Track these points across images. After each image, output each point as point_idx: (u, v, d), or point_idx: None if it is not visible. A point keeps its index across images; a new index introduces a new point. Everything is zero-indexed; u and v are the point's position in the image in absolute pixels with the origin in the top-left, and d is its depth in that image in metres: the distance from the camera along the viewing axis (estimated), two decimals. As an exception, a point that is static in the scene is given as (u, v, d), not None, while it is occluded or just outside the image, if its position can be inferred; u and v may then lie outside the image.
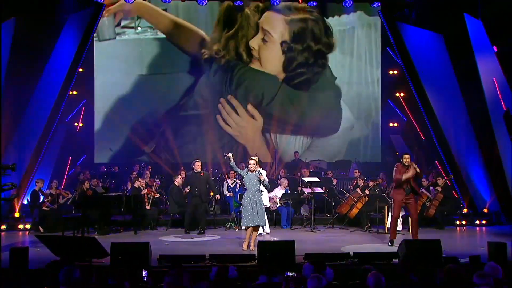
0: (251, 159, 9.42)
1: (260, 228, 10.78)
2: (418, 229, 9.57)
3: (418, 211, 9.75)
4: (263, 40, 16.81)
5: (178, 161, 15.92)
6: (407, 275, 5.10)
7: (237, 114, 16.86)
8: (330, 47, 17.07)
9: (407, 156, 9.67)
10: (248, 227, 9.09)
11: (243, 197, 9.31)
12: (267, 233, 10.89)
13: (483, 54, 13.14)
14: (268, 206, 11.37)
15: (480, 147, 13.47)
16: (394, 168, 9.69)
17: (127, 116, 16.60)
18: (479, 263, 7.07)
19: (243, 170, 9.56)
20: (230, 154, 9.21)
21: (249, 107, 16.79)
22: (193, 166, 11.38)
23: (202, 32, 16.81)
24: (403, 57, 14.72)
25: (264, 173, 10.86)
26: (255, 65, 16.92)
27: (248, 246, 9.02)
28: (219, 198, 11.87)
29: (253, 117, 16.82)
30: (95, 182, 12.18)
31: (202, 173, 11.44)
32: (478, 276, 4.52)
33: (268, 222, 11.17)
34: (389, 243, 9.51)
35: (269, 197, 12.16)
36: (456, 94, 13.75)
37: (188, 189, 11.27)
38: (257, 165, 9.44)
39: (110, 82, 16.62)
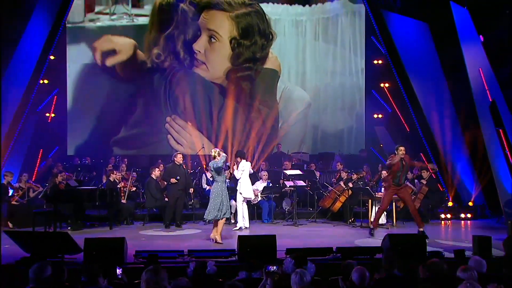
0: (212, 150, 9.52)
1: (240, 222, 10.85)
2: (419, 217, 9.90)
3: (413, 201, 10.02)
4: (210, 41, 16.61)
5: (155, 153, 15.85)
6: (391, 270, 5.13)
7: (188, 133, 16.67)
8: (270, 36, 16.98)
9: (402, 148, 9.89)
10: (219, 220, 9.21)
11: (214, 189, 9.34)
12: (247, 228, 10.92)
13: (469, 43, 13.25)
14: (252, 198, 11.40)
15: (466, 139, 13.61)
16: (390, 157, 9.92)
17: (102, 106, 16.43)
18: (463, 257, 7.17)
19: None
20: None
21: (190, 125, 16.61)
22: (175, 158, 11.39)
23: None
24: (388, 47, 14.81)
25: (246, 165, 10.89)
26: (199, 71, 16.76)
27: (215, 239, 9.25)
28: (192, 191, 11.87)
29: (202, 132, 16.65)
30: (63, 175, 12.01)
31: (184, 165, 11.48)
32: (462, 270, 4.58)
33: (249, 216, 11.20)
34: (371, 232, 9.71)
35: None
36: (441, 85, 13.87)
37: (174, 179, 11.23)
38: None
39: (83, 70, 16.42)
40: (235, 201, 11.17)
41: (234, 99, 16.81)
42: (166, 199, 11.66)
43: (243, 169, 10.90)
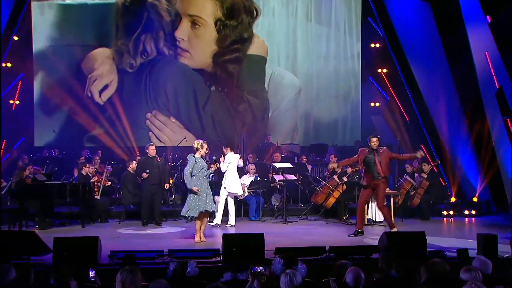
0: (194, 142, 9.49)
1: (218, 219, 10.86)
2: (391, 218, 9.86)
3: (383, 198, 9.95)
4: (193, 27, 16.56)
5: (132, 145, 15.78)
6: (388, 271, 5.16)
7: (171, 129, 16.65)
8: (254, 13, 16.97)
9: (375, 139, 9.81)
10: (196, 217, 9.20)
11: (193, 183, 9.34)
12: (232, 225, 10.92)
13: (475, 25, 13.26)
14: (239, 194, 11.41)
15: (470, 129, 13.67)
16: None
17: (73, 92, 16.30)
18: (467, 257, 7.22)
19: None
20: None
21: (173, 120, 16.60)
22: (147, 150, 11.37)
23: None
24: (386, 29, 14.85)
25: (233, 157, 10.88)
26: (184, 60, 16.73)
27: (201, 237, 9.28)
28: (168, 187, 11.82)
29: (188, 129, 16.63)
30: (30, 169, 11.89)
31: (159, 158, 11.41)
32: (465, 271, 4.61)
33: (235, 212, 11.23)
34: (353, 234, 9.75)
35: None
36: (444, 70, 13.92)
37: (146, 173, 11.19)
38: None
39: (51, 53, 16.25)
40: (219, 196, 11.17)
41: (221, 87, 16.78)
42: (145, 195, 11.62)
43: (229, 161, 10.88)
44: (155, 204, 11.32)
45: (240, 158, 11.45)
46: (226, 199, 11.14)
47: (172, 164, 13.92)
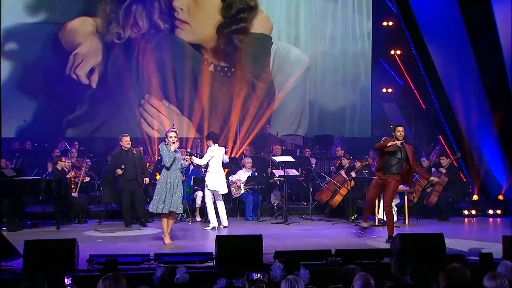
0: (171, 131, 9.48)
1: (214, 221, 10.85)
2: (393, 225, 9.65)
3: (392, 198, 9.67)
4: None
5: (114, 136, 15.77)
6: (402, 277, 5.16)
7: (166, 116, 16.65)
8: None
9: (400, 128, 9.54)
10: (164, 215, 9.20)
11: (160, 177, 9.35)
12: (225, 227, 10.93)
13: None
14: (226, 192, 11.38)
15: (495, 118, 13.64)
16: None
17: (45, 76, 16.25)
18: (491, 262, 7.23)
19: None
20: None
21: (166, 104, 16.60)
22: (120, 142, 11.32)
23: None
24: (400, 5, 14.76)
25: (216, 150, 10.85)
26: (182, 33, 16.69)
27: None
28: (148, 182, 11.78)
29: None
30: (3, 163, 11.90)
31: (135, 150, 11.35)
32: (490, 278, 4.60)
33: (228, 212, 11.27)
34: (360, 232, 9.75)
35: (231, 182, 12.17)
36: (466, 52, 13.84)
37: (121, 169, 11.15)
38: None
39: (18, 32, 16.18)
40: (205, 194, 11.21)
41: (223, 67, 16.69)
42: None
43: (212, 155, 10.83)
44: (136, 203, 11.28)
45: (225, 152, 11.41)
46: (214, 199, 11.12)
47: (159, 158, 13.89)
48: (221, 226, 10.97)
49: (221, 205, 11.06)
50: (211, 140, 11.03)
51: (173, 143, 9.25)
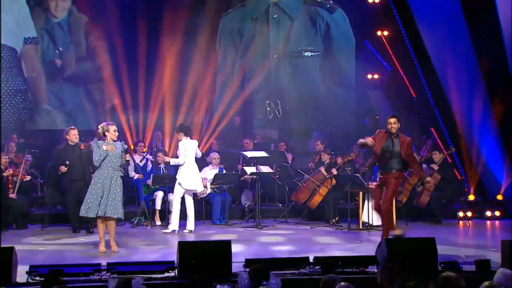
0: (99, 127, 9.41)
1: (175, 224, 10.81)
2: (392, 224, 9.69)
3: (390, 198, 9.56)
4: None
5: (59, 128, 15.62)
6: (390, 287, 5.19)
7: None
8: None
9: (392, 120, 9.43)
10: (98, 219, 9.15)
11: (94, 177, 9.29)
12: (191, 231, 10.91)
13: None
14: (200, 191, 11.39)
15: (494, 108, 13.77)
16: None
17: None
18: (488, 270, 7.31)
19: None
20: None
21: None
22: (67, 136, 11.18)
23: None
24: (388, -21, 14.83)
25: (189, 144, 10.83)
26: None
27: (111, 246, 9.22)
28: None
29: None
30: None
31: (83, 145, 11.21)
32: None
33: (196, 215, 11.25)
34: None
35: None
36: (461, 33, 13.96)
37: (65, 166, 11.02)
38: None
39: None
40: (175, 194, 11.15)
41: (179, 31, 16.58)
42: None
43: (186, 150, 10.83)
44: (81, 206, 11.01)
45: (198, 146, 11.39)
46: (183, 199, 11.08)
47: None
48: (186, 231, 10.93)
49: (191, 206, 11.02)
50: (182, 133, 11.00)
51: (113, 139, 9.20)
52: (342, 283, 4.80)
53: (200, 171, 12.43)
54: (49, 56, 16.26)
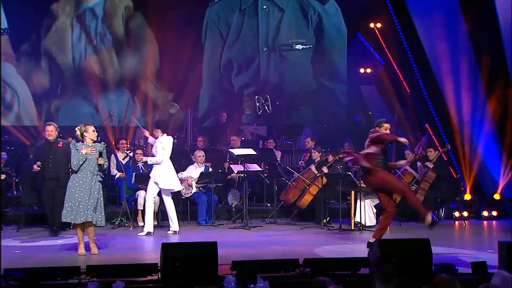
0: (76, 129, 9.34)
1: (149, 225, 10.80)
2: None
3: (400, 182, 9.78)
4: None
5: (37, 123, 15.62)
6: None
7: None
8: None
9: (388, 125, 9.55)
10: (76, 224, 9.11)
11: (72, 180, 9.20)
12: (175, 232, 10.90)
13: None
14: (175, 190, 11.34)
15: (491, 103, 13.80)
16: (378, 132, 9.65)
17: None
18: (485, 272, 7.33)
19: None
20: None
21: None
22: (46, 133, 11.10)
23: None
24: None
25: (166, 141, 10.79)
26: None
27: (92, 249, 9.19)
28: None
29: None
30: None
31: (61, 142, 11.12)
32: (483, 290, 4.66)
33: (177, 215, 11.20)
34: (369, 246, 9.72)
35: (181, 179, 12.11)
36: (457, 21, 13.95)
37: (38, 166, 10.95)
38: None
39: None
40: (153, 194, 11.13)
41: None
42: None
43: (164, 148, 10.76)
44: (55, 207, 10.88)
45: (173, 143, 11.29)
46: (161, 200, 11.02)
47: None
48: (170, 232, 10.91)
49: (171, 206, 10.98)
50: (159, 129, 10.94)
51: (92, 140, 9.15)
52: (333, 286, 4.79)
53: (185, 169, 12.45)
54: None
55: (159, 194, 11.20)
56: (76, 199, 8.99)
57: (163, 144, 10.83)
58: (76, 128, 9.35)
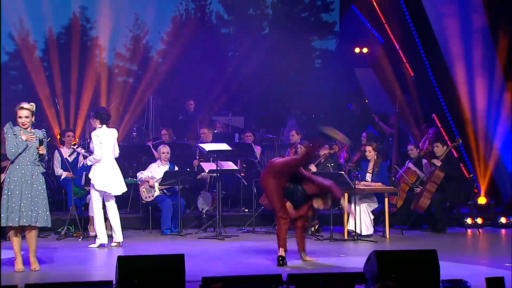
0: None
1: (103, 236, 10.78)
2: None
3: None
4: None
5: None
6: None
7: None
8: None
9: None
10: (12, 229, 8.96)
11: (8, 174, 9.01)
12: (118, 244, 10.81)
13: None
14: (124, 192, 11.32)
15: (510, 91, 13.88)
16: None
17: None
18: (501, 289, 7.40)
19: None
20: None
21: None
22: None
23: None
24: None
25: (105, 134, 10.75)
26: None
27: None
28: None
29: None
30: None
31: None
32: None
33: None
34: None
35: (140, 180, 12.13)
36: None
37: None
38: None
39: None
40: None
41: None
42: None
43: (101, 142, 10.67)
44: None
45: (116, 137, 11.15)
46: (104, 204, 10.97)
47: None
48: (113, 244, 10.84)
49: (114, 213, 10.88)
50: (98, 120, 10.79)
51: (24, 125, 8.98)
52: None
53: (145, 168, 12.42)
54: None
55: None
56: (17, 196, 8.80)
57: (100, 138, 10.66)
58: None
